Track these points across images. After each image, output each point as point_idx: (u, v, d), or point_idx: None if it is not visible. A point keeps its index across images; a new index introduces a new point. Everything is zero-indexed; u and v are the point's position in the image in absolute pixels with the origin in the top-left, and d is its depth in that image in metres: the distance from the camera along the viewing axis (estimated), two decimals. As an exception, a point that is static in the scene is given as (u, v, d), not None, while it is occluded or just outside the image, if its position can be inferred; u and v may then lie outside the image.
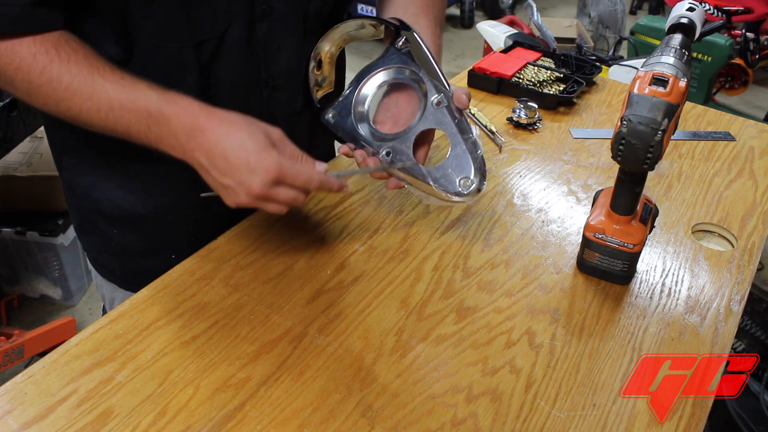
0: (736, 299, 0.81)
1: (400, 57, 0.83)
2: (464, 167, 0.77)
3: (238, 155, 0.66)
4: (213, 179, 0.68)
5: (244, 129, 0.67)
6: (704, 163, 1.09)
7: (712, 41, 2.92)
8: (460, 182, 0.77)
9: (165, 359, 0.69)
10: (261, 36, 0.79)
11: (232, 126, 0.67)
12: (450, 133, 0.78)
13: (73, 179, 0.87)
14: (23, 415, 0.63)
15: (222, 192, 0.69)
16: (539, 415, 0.65)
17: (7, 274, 2.15)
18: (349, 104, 0.84)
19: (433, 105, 0.79)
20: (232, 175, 0.67)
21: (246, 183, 0.66)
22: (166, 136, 0.68)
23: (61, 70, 0.65)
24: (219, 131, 0.67)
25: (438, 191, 0.78)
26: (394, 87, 0.85)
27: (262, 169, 0.66)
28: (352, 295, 0.79)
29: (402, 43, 0.82)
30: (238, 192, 0.67)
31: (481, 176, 0.77)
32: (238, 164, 0.66)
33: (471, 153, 0.78)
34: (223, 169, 0.67)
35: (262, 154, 0.66)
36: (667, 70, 0.69)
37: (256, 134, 0.67)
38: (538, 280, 0.83)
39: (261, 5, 0.78)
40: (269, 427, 0.63)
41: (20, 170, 2.05)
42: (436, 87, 0.80)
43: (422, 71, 0.81)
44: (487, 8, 5.06)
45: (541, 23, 2.92)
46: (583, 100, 1.29)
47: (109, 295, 0.96)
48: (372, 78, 0.85)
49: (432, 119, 0.79)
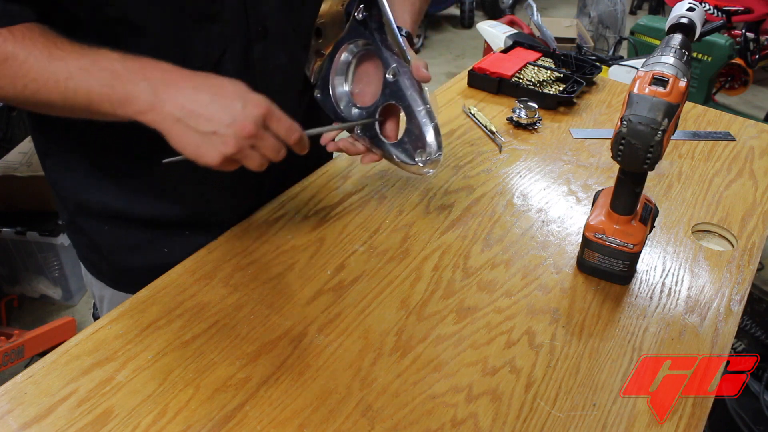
0: (736, 299, 0.81)
1: (357, 27, 0.82)
2: (420, 139, 0.79)
3: (222, 97, 0.63)
4: (192, 132, 0.63)
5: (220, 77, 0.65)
6: (704, 163, 1.09)
7: (712, 41, 2.93)
8: (418, 154, 0.79)
9: (165, 359, 0.69)
10: (256, 57, 0.79)
11: (207, 76, 0.65)
12: (404, 106, 0.79)
13: (57, 180, 0.87)
14: (23, 415, 0.63)
15: (204, 145, 0.63)
16: (539, 415, 0.65)
17: (7, 274, 2.16)
18: (327, 82, 0.85)
19: (389, 78, 0.79)
20: (220, 117, 0.62)
21: (238, 121, 0.62)
22: (131, 94, 0.62)
23: (15, 46, 0.62)
24: (196, 80, 0.64)
25: (402, 164, 0.81)
26: (363, 57, 0.85)
27: (253, 103, 0.64)
28: (352, 295, 0.79)
29: (359, 13, 0.81)
30: (226, 136, 0.62)
31: (438, 145, 0.79)
32: (223, 105, 0.62)
33: (425, 125, 0.78)
34: (207, 114, 0.62)
35: (248, 93, 0.64)
36: (667, 70, 0.69)
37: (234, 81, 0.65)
38: (538, 280, 0.83)
39: (256, 27, 0.78)
40: (269, 427, 0.63)
41: (20, 170, 2.05)
42: (391, 57, 0.79)
43: (378, 42, 0.80)
44: (487, 8, 5.07)
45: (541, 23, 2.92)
46: (583, 100, 1.29)
47: (98, 293, 0.96)
48: (340, 53, 0.85)
49: (389, 93, 0.80)
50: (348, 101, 0.86)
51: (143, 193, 0.85)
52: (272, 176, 0.94)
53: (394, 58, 0.79)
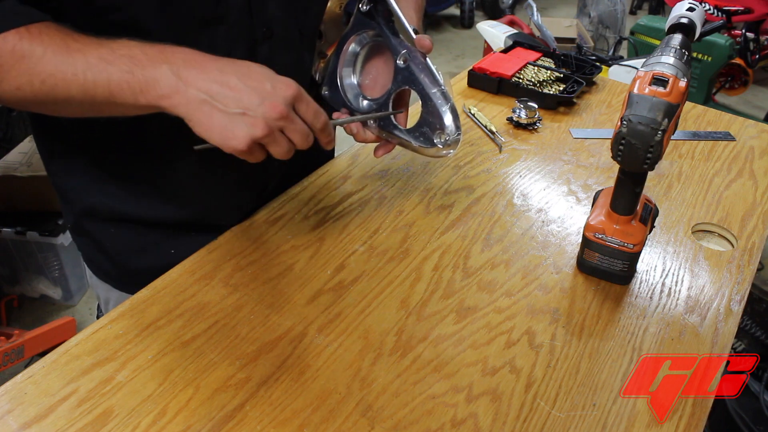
0: (736, 299, 0.81)
1: (363, 19, 0.82)
2: (438, 121, 0.78)
3: (250, 78, 0.61)
4: (219, 113, 0.60)
5: (245, 61, 0.64)
6: (704, 163, 1.09)
7: (712, 41, 2.93)
8: (437, 136, 0.79)
9: (165, 359, 0.69)
10: (261, 59, 0.78)
11: (231, 60, 0.64)
12: (418, 90, 0.79)
13: (62, 184, 0.87)
14: (23, 415, 0.63)
15: (232, 128, 0.61)
16: (539, 415, 0.65)
17: (7, 274, 2.16)
18: (335, 76, 0.85)
19: (400, 64, 0.79)
20: (249, 97, 0.60)
21: (267, 101, 0.61)
22: (153, 77, 0.60)
23: (32, 43, 0.61)
24: (220, 62, 0.63)
25: (421, 149, 0.80)
26: (372, 50, 0.85)
27: (283, 84, 0.62)
28: (352, 295, 0.79)
29: (364, 4, 0.81)
30: (255, 117, 0.60)
31: (456, 126, 0.78)
32: (253, 85, 0.61)
33: (441, 106, 0.78)
34: (235, 94, 0.60)
35: (276, 75, 0.63)
36: (667, 70, 0.69)
37: (260, 64, 0.64)
38: (538, 280, 0.83)
39: (261, 29, 0.78)
40: (269, 427, 0.63)
41: (20, 170, 2.05)
42: (400, 44, 0.79)
43: (386, 30, 0.80)
44: (487, 8, 5.07)
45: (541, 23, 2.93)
46: (583, 100, 1.29)
47: (103, 295, 0.96)
48: (347, 47, 0.85)
49: (401, 79, 0.80)
50: (357, 93, 0.85)
51: (148, 196, 0.85)
52: (277, 176, 0.94)
53: (403, 44, 0.79)
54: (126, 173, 0.84)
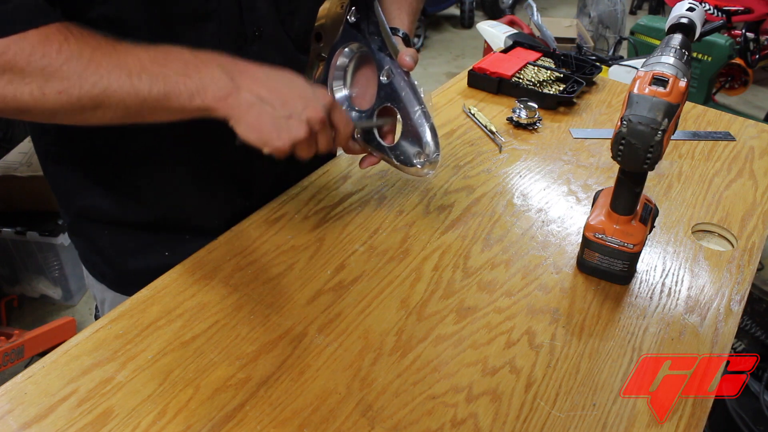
0: (736, 299, 0.81)
1: (351, 31, 0.82)
2: (418, 140, 0.78)
3: (294, 85, 0.67)
4: (268, 116, 0.65)
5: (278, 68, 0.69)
6: (704, 163, 1.09)
7: (712, 41, 2.93)
8: (416, 156, 0.79)
9: (165, 359, 0.69)
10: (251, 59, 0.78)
11: (268, 66, 0.68)
12: (399, 108, 0.79)
13: (58, 185, 0.87)
14: (23, 415, 0.63)
15: (277, 130, 0.65)
16: (539, 415, 0.65)
17: (7, 274, 2.16)
18: (326, 86, 0.85)
19: (384, 80, 0.79)
20: (295, 102, 0.66)
21: (311, 106, 0.66)
22: (208, 79, 0.63)
23: (79, 44, 0.60)
24: (263, 68, 0.67)
25: (400, 166, 0.80)
26: (360, 60, 0.85)
27: (320, 92, 0.69)
28: (352, 295, 0.79)
29: (351, 15, 0.81)
30: (300, 118, 0.66)
31: (435, 146, 0.78)
32: (297, 92, 0.66)
33: (420, 126, 0.77)
34: (284, 99, 0.65)
35: (309, 84, 0.69)
36: (667, 70, 0.69)
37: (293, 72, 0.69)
38: (538, 280, 0.83)
39: (251, 28, 0.78)
40: (269, 427, 0.63)
41: (20, 170, 2.05)
42: (384, 59, 0.79)
43: (372, 44, 0.80)
44: (487, 8, 5.07)
45: (541, 23, 2.93)
46: (583, 100, 1.29)
47: (99, 295, 0.96)
48: (336, 58, 0.85)
49: (383, 95, 0.80)
50: (348, 106, 0.85)
51: (140, 199, 0.86)
52: (269, 179, 0.94)
53: (387, 59, 0.79)
54: (117, 176, 0.84)
